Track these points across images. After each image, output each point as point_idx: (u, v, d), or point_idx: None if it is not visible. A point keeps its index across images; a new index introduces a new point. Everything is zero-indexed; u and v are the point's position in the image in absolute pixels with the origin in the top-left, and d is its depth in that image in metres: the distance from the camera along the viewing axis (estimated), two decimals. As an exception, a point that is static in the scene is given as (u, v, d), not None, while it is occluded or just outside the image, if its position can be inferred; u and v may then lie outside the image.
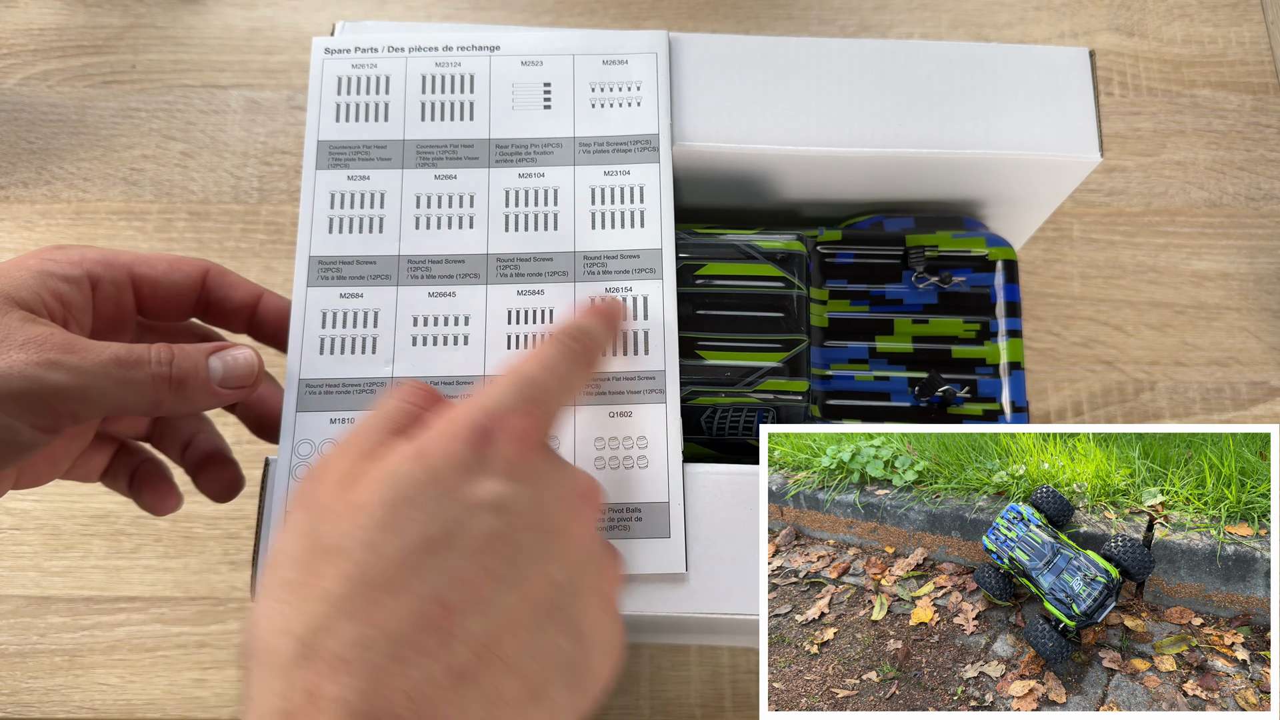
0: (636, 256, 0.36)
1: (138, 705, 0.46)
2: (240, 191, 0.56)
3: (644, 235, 0.36)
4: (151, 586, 0.48)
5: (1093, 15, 0.61)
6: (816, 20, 0.61)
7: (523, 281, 0.36)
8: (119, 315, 0.33)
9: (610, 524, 0.33)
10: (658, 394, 0.35)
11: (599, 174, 0.37)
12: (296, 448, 0.34)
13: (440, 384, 0.35)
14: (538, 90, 0.38)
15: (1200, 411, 0.52)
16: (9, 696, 0.46)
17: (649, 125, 0.38)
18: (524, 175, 0.37)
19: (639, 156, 0.37)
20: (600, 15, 0.61)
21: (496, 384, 0.28)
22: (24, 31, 0.59)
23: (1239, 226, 0.56)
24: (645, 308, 0.36)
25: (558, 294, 0.36)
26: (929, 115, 0.38)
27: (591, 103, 0.38)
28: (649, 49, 0.39)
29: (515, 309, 0.35)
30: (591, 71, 0.38)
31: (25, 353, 0.27)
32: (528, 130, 0.38)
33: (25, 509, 0.50)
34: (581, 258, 0.36)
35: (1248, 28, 0.60)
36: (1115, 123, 0.58)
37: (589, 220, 0.37)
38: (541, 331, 0.35)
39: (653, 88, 0.38)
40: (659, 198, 0.37)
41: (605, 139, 0.38)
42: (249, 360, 0.32)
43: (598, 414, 0.34)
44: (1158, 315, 0.54)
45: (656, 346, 0.35)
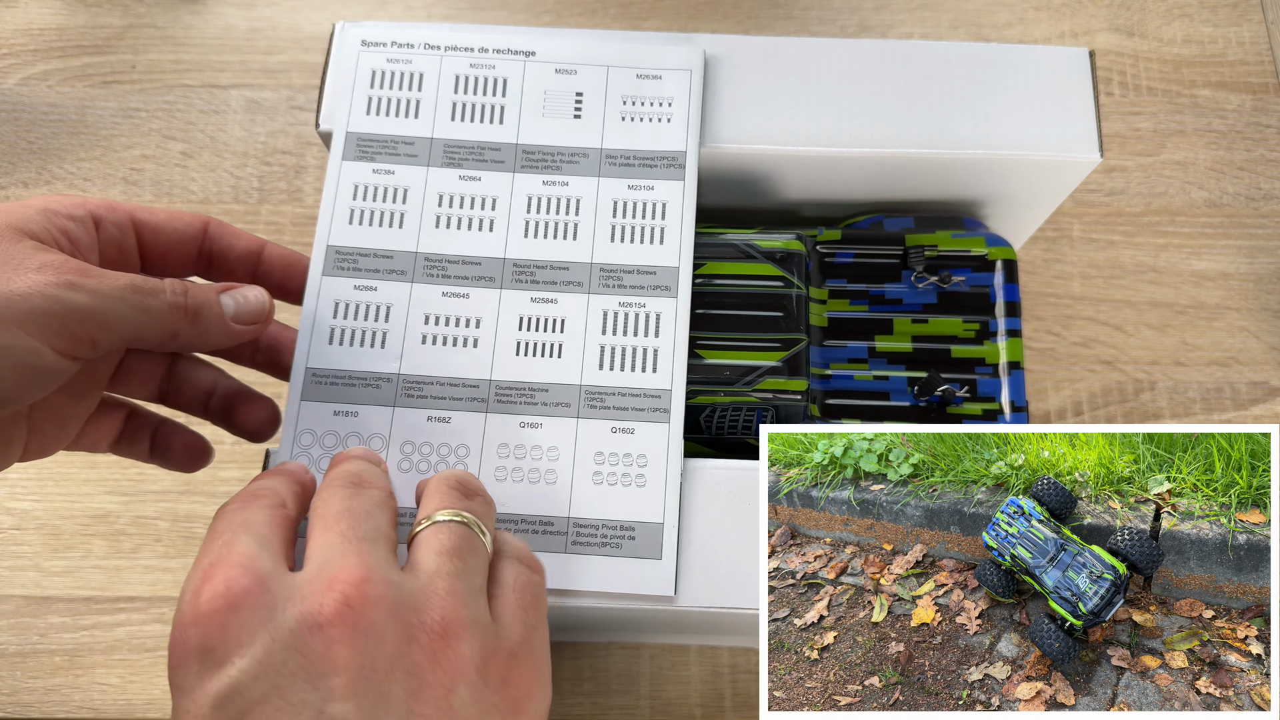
0: (653, 273, 0.36)
1: (138, 705, 0.46)
2: (240, 191, 0.56)
3: (663, 252, 0.36)
4: (151, 586, 0.48)
5: (1093, 15, 0.61)
6: (816, 20, 0.61)
7: (537, 289, 0.36)
8: (123, 260, 0.33)
9: (602, 540, 0.33)
10: (661, 413, 0.35)
11: (623, 187, 0.37)
12: (298, 437, 0.34)
13: (446, 384, 0.35)
14: (569, 99, 0.38)
15: (1200, 411, 0.52)
16: (9, 696, 0.46)
17: (677, 142, 0.38)
18: (548, 183, 0.37)
19: (665, 173, 0.37)
20: (600, 15, 0.61)
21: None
22: (24, 31, 0.60)
23: (1239, 226, 0.56)
24: (657, 326, 0.36)
25: (571, 304, 0.36)
26: (929, 115, 0.38)
27: (622, 115, 0.38)
28: (684, 65, 0.39)
29: (527, 316, 0.36)
30: (625, 84, 0.38)
31: (43, 274, 0.27)
32: (556, 138, 0.38)
33: (25, 509, 0.50)
34: (598, 269, 0.36)
35: (1248, 28, 0.60)
36: (1115, 123, 0.58)
37: (609, 233, 0.37)
38: (552, 341, 0.35)
39: (684, 105, 0.38)
40: (680, 216, 0.37)
41: (632, 153, 0.38)
42: (259, 297, 0.33)
43: (599, 429, 0.34)
44: (1158, 315, 0.54)
45: (665, 366, 0.35)
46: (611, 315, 0.36)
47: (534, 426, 0.34)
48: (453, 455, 0.34)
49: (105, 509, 0.50)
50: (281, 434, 0.34)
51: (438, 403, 0.34)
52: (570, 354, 0.35)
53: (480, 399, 0.35)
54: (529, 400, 0.35)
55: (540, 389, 0.35)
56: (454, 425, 0.34)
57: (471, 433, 0.34)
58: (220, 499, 0.50)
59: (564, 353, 0.35)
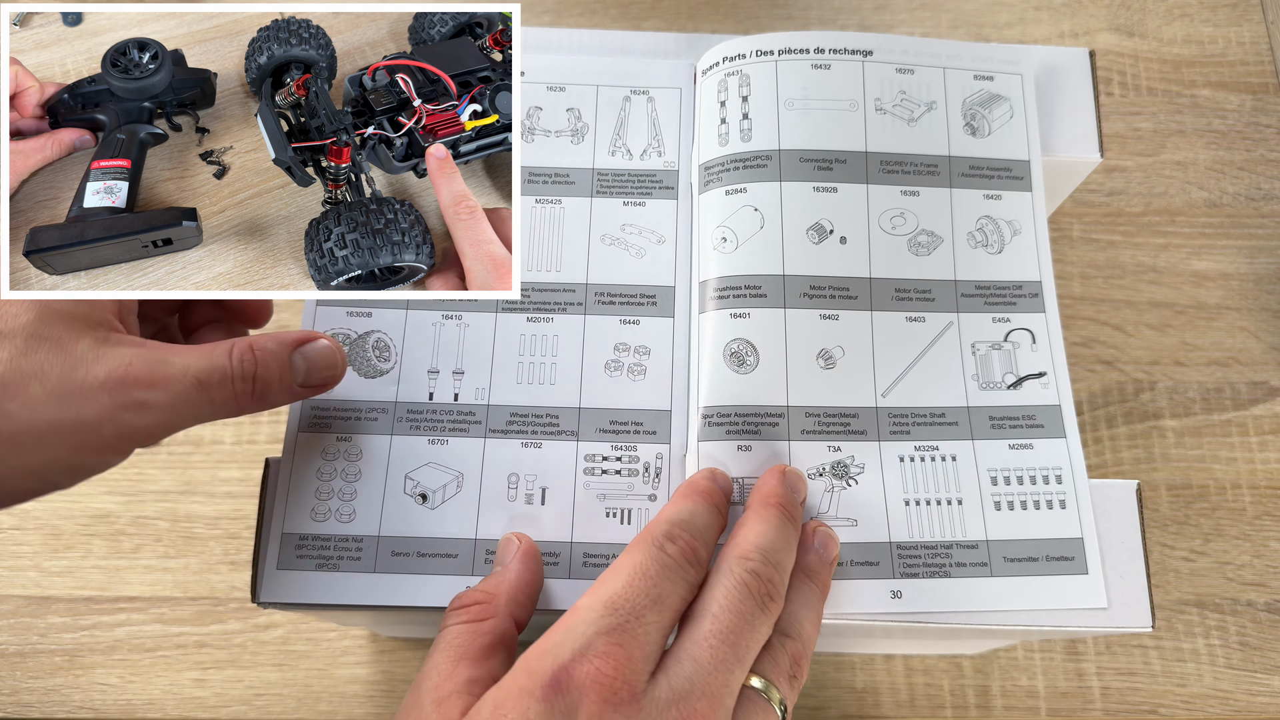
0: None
1: (138, 705, 0.46)
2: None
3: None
4: (151, 586, 0.48)
5: (1093, 15, 0.61)
6: (816, 20, 0.61)
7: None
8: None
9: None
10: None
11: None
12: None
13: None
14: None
15: (1200, 412, 0.52)
16: (9, 696, 0.46)
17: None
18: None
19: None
20: (600, 15, 0.61)
21: (575, 614, 0.25)
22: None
23: (1239, 226, 0.56)
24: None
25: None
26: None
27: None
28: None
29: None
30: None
31: (110, 395, 0.26)
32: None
33: (25, 509, 0.50)
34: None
35: (1248, 28, 0.60)
36: (1115, 123, 0.58)
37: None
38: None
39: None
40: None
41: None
42: (329, 352, 0.31)
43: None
44: (1158, 315, 0.54)
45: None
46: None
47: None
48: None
49: (105, 509, 0.50)
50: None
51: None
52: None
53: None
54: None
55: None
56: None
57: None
58: (220, 499, 0.50)
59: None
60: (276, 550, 0.32)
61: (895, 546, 0.33)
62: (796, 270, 0.35)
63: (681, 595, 0.26)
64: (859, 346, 0.35)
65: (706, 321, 0.35)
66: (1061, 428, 0.34)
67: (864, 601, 0.32)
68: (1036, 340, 0.36)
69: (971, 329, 0.35)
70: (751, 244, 0.35)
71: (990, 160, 0.37)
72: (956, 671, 0.47)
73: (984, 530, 0.33)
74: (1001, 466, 0.34)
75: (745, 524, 0.29)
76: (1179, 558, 0.49)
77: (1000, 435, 0.34)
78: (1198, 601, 0.48)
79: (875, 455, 0.34)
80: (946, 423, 0.34)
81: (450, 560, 0.33)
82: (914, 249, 0.36)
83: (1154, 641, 0.48)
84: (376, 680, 0.47)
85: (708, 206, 0.36)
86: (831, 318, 0.35)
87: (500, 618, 0.28)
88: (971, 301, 0.36)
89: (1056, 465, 0.34)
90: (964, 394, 0.35)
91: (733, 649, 0.25)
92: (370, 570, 0.32)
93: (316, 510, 0.33)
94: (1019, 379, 0.35)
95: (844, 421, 0.34)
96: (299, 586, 0.32)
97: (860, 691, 0.47)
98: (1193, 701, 0.47)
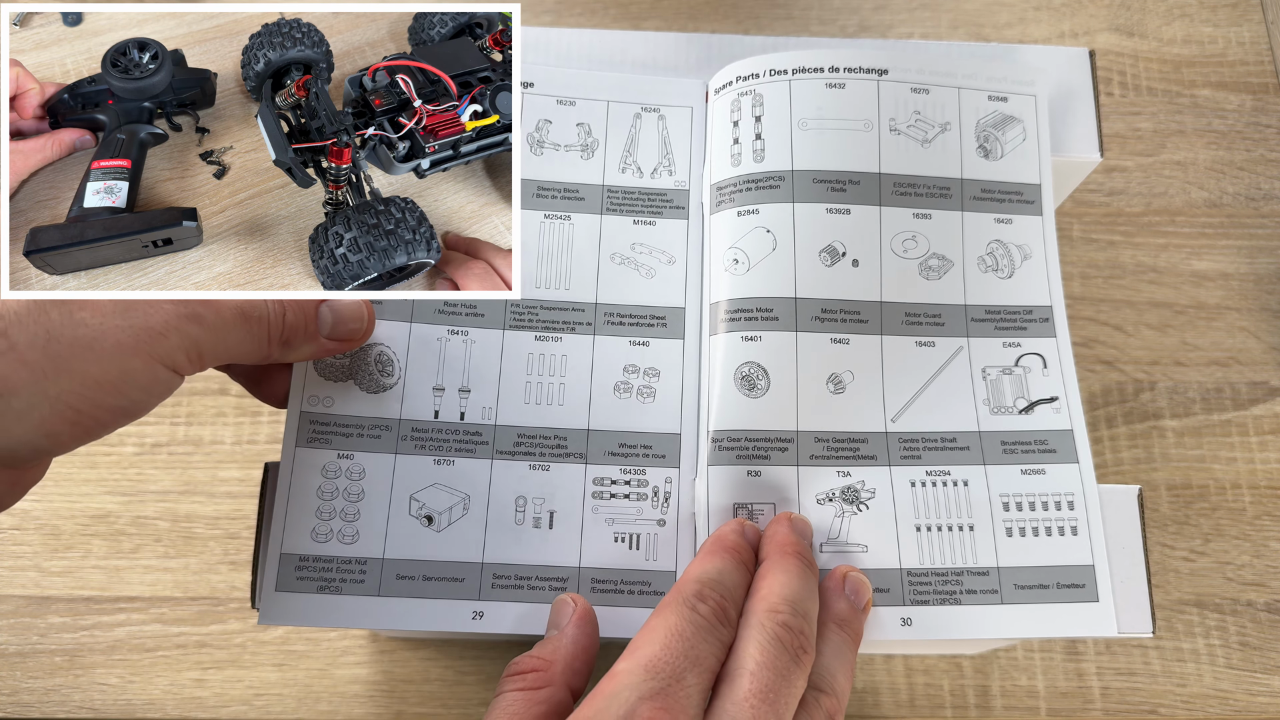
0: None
1: (138, 705, 0.46)
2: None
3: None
4: (151, 586, 0.48)
5: (1093, 15, 0.61)
6: (816, 20, 0.61)
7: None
8: None
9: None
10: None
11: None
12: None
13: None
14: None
15: (1200, 411, 0.52)
16: (9, 696, 0.46)
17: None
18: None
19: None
20: (600, 15, 0.61)
21: (615, 679, 0.25)
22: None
23: (1239, 226, 0.56)
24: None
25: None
26: (930, 115, 0.38)
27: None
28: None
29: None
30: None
31: (173, 305, 0.28)
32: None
33: (25, 509, 0.50)
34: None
35: (1248, 28, 0.60)
36: (1115, 123, 0.58)
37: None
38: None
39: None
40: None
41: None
42: (355, 306, 0.32)
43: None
44: (1158, 315, 0.54)
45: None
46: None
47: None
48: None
49: (105, 509, 0.50)
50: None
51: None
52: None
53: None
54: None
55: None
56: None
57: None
58: (220, 499, 0.50)
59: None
60: (275, 571, 0.32)
61: (906, 573, 0.32)
62: (809, 293, 0.34)
63: (716, 655, 0.26)
64: (869, 371, 0.34)
65: (717, 344, 0.34)
66: (1074, 452, 0.34)
67: (874, 629, 0.32)
68: (1048, 365, 0.35)
69: (982, 354, 0.35)
70: (764, 266, 0.35)
71: (1001, 184, 0.37)
72: (956, 671, 0.47)
73: (995, 557, 0.33)
74: (1013, 492, 0.33)
75: (767, 575, 0.29)
76: (1179, 558, 0.49)
77: (1012, 460, 0.34)
78: (1198, 601, 0.48)
79: (886, 480, 0.33)
80: (958, 447, 0.34)
81: (456, 584, 0.32)
82: (925, 272, 0.36)
83: (1154, 641, 0.48)
84: (376, 680, 0.47)
85: (719, 227, 0.36)
86: (842, 341, 0.34)
87: (556, 686, 0.28)
88: (982, 326, 0.35)
89: (1069, 491, 0.34)
90: (975, 419, 0.34)
91: (772, 707, 0.25)
92: (374, 594, 0.32)
93: (318, 531, 0.32)
94: (1030, 404, 0.35)
95: (854, 446, 0.34)
96: (300, 610, 0.31)
97: (860, 691, 0.47)
98: (1193, 701, 0.47)
